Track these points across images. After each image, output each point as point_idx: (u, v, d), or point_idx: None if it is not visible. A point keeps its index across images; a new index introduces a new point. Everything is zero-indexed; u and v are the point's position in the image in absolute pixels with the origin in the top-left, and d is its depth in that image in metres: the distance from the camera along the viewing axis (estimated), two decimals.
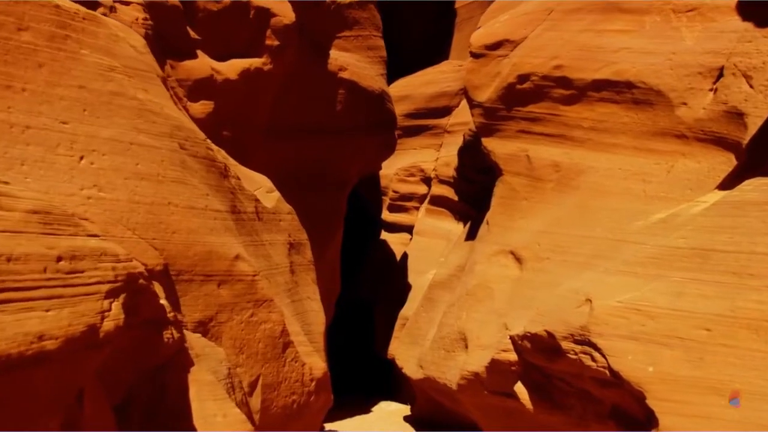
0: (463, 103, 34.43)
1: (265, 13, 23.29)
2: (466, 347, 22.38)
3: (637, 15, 21.12)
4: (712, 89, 19.41)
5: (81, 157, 12.02)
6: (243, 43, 22.87)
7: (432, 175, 34.53)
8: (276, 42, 23.32)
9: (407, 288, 32.49)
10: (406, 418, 31.12)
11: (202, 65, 21.81)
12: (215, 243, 13.95)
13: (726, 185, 17.97)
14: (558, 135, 22.29)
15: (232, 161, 18.50)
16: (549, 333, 17.97)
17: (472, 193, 29.43)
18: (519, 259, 21.91)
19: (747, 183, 16.36)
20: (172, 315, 11.90)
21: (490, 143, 23.76)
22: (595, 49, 21.59)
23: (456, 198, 31.75)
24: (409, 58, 37.03)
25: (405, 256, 34.25)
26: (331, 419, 28.71)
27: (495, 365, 20.54)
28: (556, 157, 22.17)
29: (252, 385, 14.69)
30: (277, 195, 19.44)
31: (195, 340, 13.13)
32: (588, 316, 16.68)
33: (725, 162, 18.80)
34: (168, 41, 20.49)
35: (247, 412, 14.34)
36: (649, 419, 15.25)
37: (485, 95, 23.59)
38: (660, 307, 15.47)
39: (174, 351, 11.81)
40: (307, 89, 25.70)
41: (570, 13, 22.35)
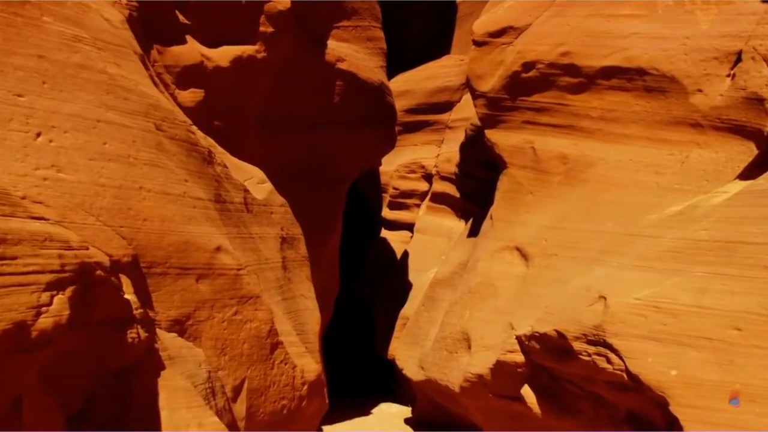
0: (465, 98, 32.98)
1: None
2: (469, 348, 20.76)
3: None
4: (729, 75, 17.87)
5: (38, 134, 10.32)
6: (235, 30, 21.13)
7: (433, 172, 33.05)
8: (270, 29, 21.57)
9: (408, 287, 31.05)
10: (406, 420, 29.74)
11: (191, 51, 20.10)
12: (193, 233, 12.22)
13: (747, 175, 16.48)
14: (565, 125, 20.74)
15: (220, 149, 16.83)
16: (559, 333, 16.29)
17: (474, 190, 28.02)
18: (525, 256, 20.30)
19: None
20: (139, 312, 10.18)
21: (493, 135, 22.10)
22: (604, 35, 20.02)
23: (458, 195, 30.41)
24: (410, 54, 35.40)
25: (405, 254, 32.80)
26: (330, 421, 27.37)
27: (500, 367, 18.91)
28: (563, 149, 20.62)
29: (236, 390, 12.96)
30: (269, 186, 17.75)
31: (170, 340, 11.41)
32: (602, 314, 14.98)
33: (744, 151, 17.22)
34: (155, 25, 18.82)
35: (231, 419, 12.62)
36: (672, 427, 13.60)
37: (488, 85, 21.92)
38: (683, 305, 13.78)
39: (141, 353, 10.09)
40: (303, 80, 23.94)
41: None
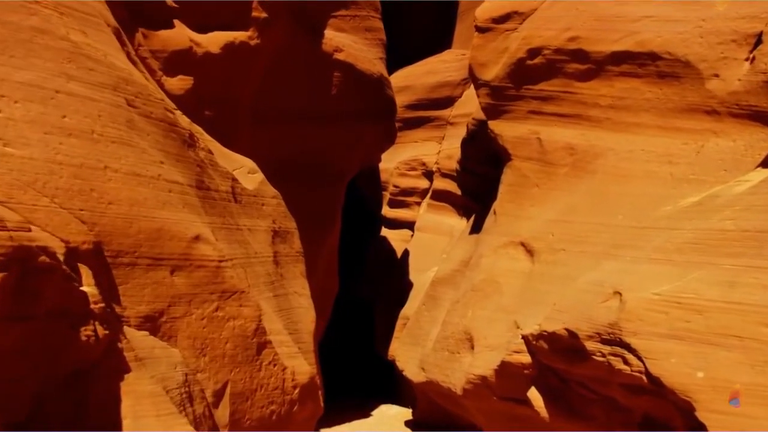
0: (467, 94, 31.60)
1: None
2: (472, 348, 19.31)
3: None
4: (748, 58, 16.47)
5: None
6: (226, 14, 19.57)
7: (434, 169, 31.77)
8: (263, 14, 20.00)
9: (408, 286, 29.83)
10: (407, 422, 28.46)
11: (179, 36, 18.54)
12: (168, 219, 10.64)
13: None
14: (573, 115, 19.36)
15: (206, 136, 15.27)
16: (570, 332, 14.73)
17: (476, 187, 26.54)
18: (530, 251, 18.84)
19: None
20: (99, 307, 8.61)
21: (497, 126, 20.61)
22: (614, 19, 18.66)
23: (459, 192, 28.96)
24: (411, 50, 33.89)
25: (406, 253, 31.55)
26: (329, 423, 26.21)
27: (505, 368, 17.44)
28: (570, 139, 19.24)
29: (218, 395, 11.38)
30: (261, 176, 16.22)
31: (140, 339, 9.83)
32: (618, 311, 13.43)
33: (765, 139, 15.97)
34: (140, 7, 17.26)
35: (212, 426, 11.05)
36: None
37: (492, 73, 20.41)
38: (709, 300, 12.23)
39: (98, 353, 8.52)
40: (299, 70, 22.36)
41: None
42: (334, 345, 30.48)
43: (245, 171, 16.04)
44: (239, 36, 19.68)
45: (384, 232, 33.43)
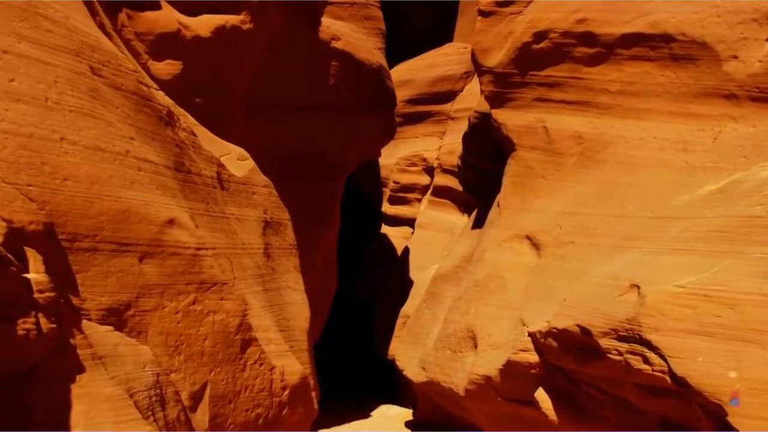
0: (468, 88, 30.22)
1: None
2: (475, 346, 17.92)
3: None
4: None
5: None
6: None
7: (435, 165, 30.36)
8: None
9: (409, 284, 28.39)
10: (407, 423, 27.12)
11: (166, 18, 17.08)
12: (136, 200, 9.16)
13: None
14: (581, 102, 18.01)
15: (191, 119, 13.80)
16: (582, 328, 13.29)
17: (477, 183, 25.07)
18: (536, 245, 17.46)
19: None
20: (45, 297, 7.14)
21: (501, 115, 19.18)
22: None
23: (460, 188, 27.44)
24: (411, 45, 32.43)
25: (406, 250, 30.11)
26: (327, 424, 24.78)
27: (511, 368, 16.07)
28: (578, 127, 17.92)
29: (195, 397, 9.91)
30: (251, 164, 14.74)
31: (102, 335, 8.36)
32: (636, 305, 11.98)
33: None
34: None
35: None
36: None
37: (496, 59, 18.96)
38: (742, 292, 10.83)
39: (43, 351, 7.03)
40: (295, 59, 20.87)
41: None
42: (333, 344, 29.30)
43: (234, 157, 14.57)
44: (231, 20, 18.18)
45: (384, 229, 32.06)
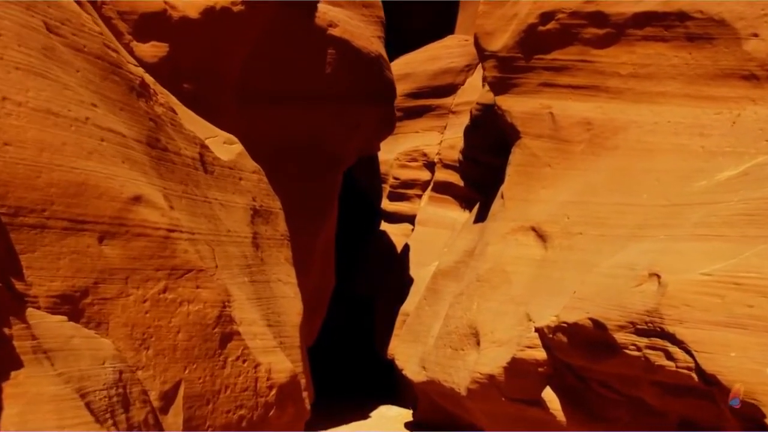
0: (470, 81, 28.89)
1: None
2: (477, 344, 16.61)
3: None
4: None
5: None
6: None
7: (435, 160, 29.06)
8: None
9: (409, 282, 27.04)
10: (407, 424, 25.74)
11: None
12: (96, 172, 7.84)
13: None
14: (589, 86, 16.69)
15: (173, 99, 12.53)
16: (595, 322, 11.96)
17: (479, 178, 23.77)
18: (542, 236, 16.21)
19: None
20: None
21: (505, 101, 17.87)
22: None
23: (462, 184, 26.16)
24: (411, 40, 31.09)
25: (406, 247, 28.75)
26: (325, 425, 23.46)
27: (516, 365, 14.79)
28: (587, 113, 16.67)
29: (167, 397, 8.60)
30: (239, 148, 13.46)
31: (52, 326, 7.05)
32: (657, 296, 10.64)
33: None
34: None
35: None
36: None
37: (500, 43, 17.65)
38: None
39: None
40: (290, 45, 19.53)
41: None
42: (331, 343, 28.04)
43: (220, 141, 13.29)
44: (220, 1, 16.83)
45: (383, 226, 30.74)
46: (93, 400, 7.01)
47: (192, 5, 16.40)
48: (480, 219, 20.74)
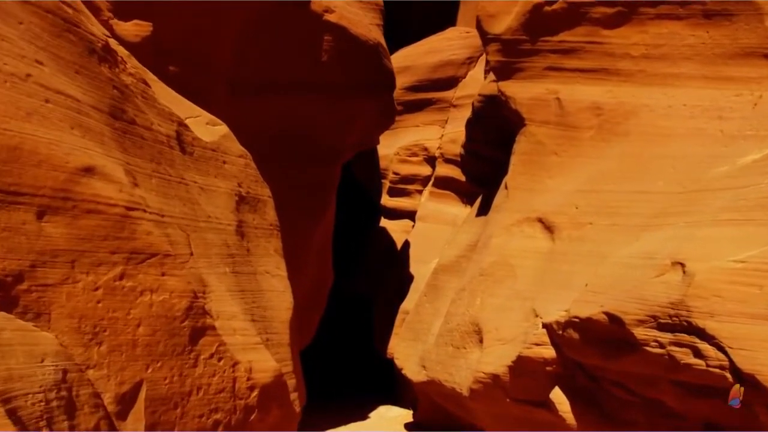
0: (471, 74, 27.59)
1: None
2: (480, 342, 15.37)
3: None
4: None
5: None
6: None
7: (436, 155, 27.70)
8: None
9: (409, 280, 25.78)
10: (407, 425, 24.50)
11: None
12: (36, 137, 6.49)
13: None
14: (599, 69, 15.50)
15: (151, 75, 11.22)
16: (611, 316, 10.62)
17: (481, 173, 22.57)
18: (549, 228, 14.99)
19: None
20: None
21: (509, 87, 16.62)
22: None
23: (463, 179, 24.88)
24: (412, 30, 29.78)
25: (407, 244, 27.41)
26: (323, 427, 22.37)
27: (522, 364, 13.55)
28: (596, 98, 15.60)
29: (124, 400, 7.26)
30: (225, 130, 12.17)
31: None
32: (682, 286, 9.29)
33: None
34: None
35: None
36: None
37: (503, 25, 16.38)
38: None
39: None
40: (284, 32, 18.17)
41: None
42: (330, 342, 26.83)
43: (202, 121, 11.99)
44: None
45: (383, 222, 29.42)
46: (21, 405, 5.69)
47: None
48: (483, 212, 19.47)
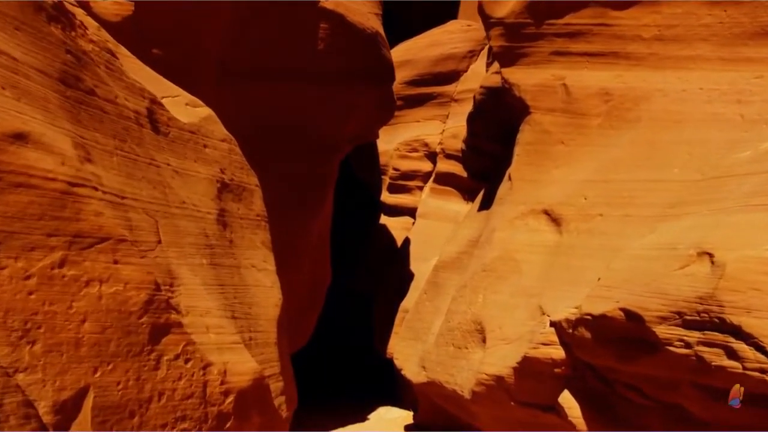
0: (473, 68, 26.43)
1: None
2: (483, 341, 14.23)
3: None
4: None
5: None
6: None
7: (437, 150, 26.69)
8: None
9: (410, 277, 24.85)
10: (407, 426, 23.50)
11: None
12: None
13: None
14: (607, 53, 14.39)
15: (124, 50, 9.96)
16: (629, 313, 9.35)
17: (483, 168, 21.49)
18: (556, 220, 13.83)
19: None
20: None
21: (513, 74, 15.42)
22: None
23: (465, 175, 23.86)
24: (413, 23, 28.61)
25: (407, 242, 26.44)
26: (322, 427, 21.47)
27: (528, 365, 12.36)
28: (604, 83, 14.49)
29: (64, 408, 5.99)
30: (207, 112, 10.93)
31: None
32: (711, 279, 8.02)
33: None
34: None
35: None
36: None
37: (507, 8, 15.21)
38: None
39: None
40: (279, 18, 16.98)
41: None
42: (328, 341, 25.98)
43: (182, 101, 10.72)
44: None
45: (383, 219, 28.39)
46: None
47: None
48: (485, 206, 18.22)
